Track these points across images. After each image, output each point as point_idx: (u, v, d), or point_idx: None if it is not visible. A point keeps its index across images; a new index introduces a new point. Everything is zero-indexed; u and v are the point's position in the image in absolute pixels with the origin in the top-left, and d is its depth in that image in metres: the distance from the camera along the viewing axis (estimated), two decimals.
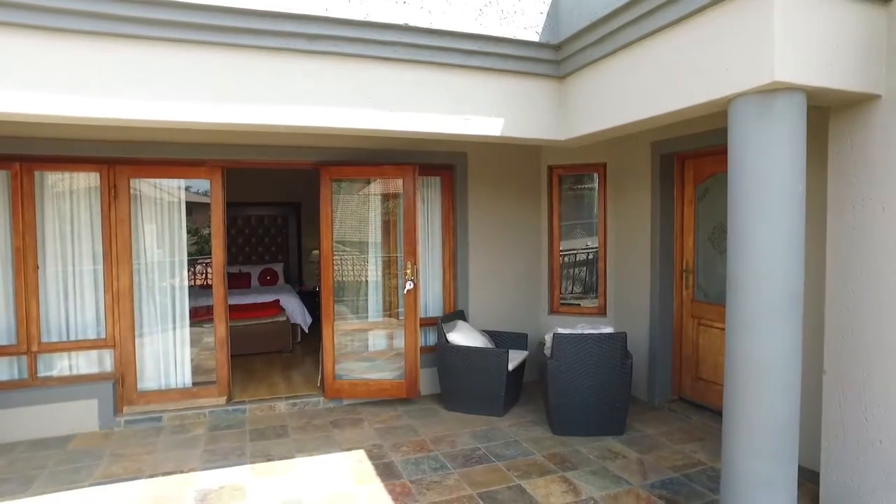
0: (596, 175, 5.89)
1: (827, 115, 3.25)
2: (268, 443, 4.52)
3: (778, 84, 2.65)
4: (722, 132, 2.98)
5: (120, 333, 4.88)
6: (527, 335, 5.61)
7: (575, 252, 6.27)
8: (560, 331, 4.52)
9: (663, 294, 5.21)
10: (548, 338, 4.67)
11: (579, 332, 4.49)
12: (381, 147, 5.40)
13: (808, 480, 3.56)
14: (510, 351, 5.13)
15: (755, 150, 2.77)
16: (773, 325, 2.74)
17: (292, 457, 4.24)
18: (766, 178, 2.74)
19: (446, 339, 5.11)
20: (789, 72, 2.64)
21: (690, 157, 5.06)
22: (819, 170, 3.41)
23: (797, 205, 2.76)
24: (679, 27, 3.17)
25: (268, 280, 9.54)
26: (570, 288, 6.28)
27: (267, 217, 10.35)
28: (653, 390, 5.31)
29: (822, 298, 3.34)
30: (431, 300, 5.89)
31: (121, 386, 4.90)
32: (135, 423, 4.86)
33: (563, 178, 6.12)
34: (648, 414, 5.10)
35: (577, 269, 6.29)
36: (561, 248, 6.18)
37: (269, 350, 7.29)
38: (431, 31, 3.82)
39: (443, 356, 5.14)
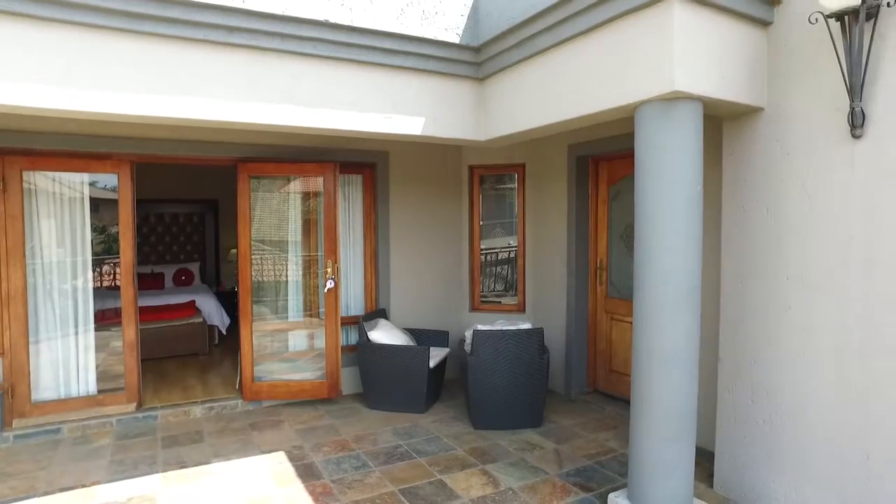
0: (515, 175, 6.07)
1: (721, 124, 3.53)
2: (182, 449, 4.33)
3: (678, 93, 2.85)
4: (632, 136, 3.17)
5: (10, 340, 4.49)
6: (448, 333, 5.69)
7: (496, 251, 6.42)
8: (479, 328, 4.62)
9: (579, 291, 5.44)
10: (468, 335, 4.76)
11: (498, 328, 4.61)
12: (302, 144, 5.31)
13: (706, 460, 3.83)
14: (431, 348, 5.19)
15: (658, 153, 2.97)
16: (674, 318, 2.95)
17: (208, 462, 4.10)
18: (667, 180, 2.95)
19: (368, 338, 5.10)
20: (687, 82, 2.84)
21: (604, 160, 5.31)
22: (717, 174, 3.68)
23: (695, 206, 2.98)
24: (591, 36, 3.34)
25: (183, 280, 9.13)
26: (491, 286, 6.43)
27: (182, 215, 9.88)
28: (569, 383, 5.54)
29: (719, 292, 3.62)
30: (353, 299, 5.86)
31: (9, 398, 4.50)
32: (27, 437, 4.48)
33: (484, 177, 6.25)
34: (565, 406, 5.31)
35: (498, 268, 6.45)
36: (483, 247, 6.31)
37: (185, 353, 6.99)
38: (352, 28, 3.81)
39: (364, 355, 5.13)
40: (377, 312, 5.66)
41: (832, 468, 3.00)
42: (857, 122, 2.78)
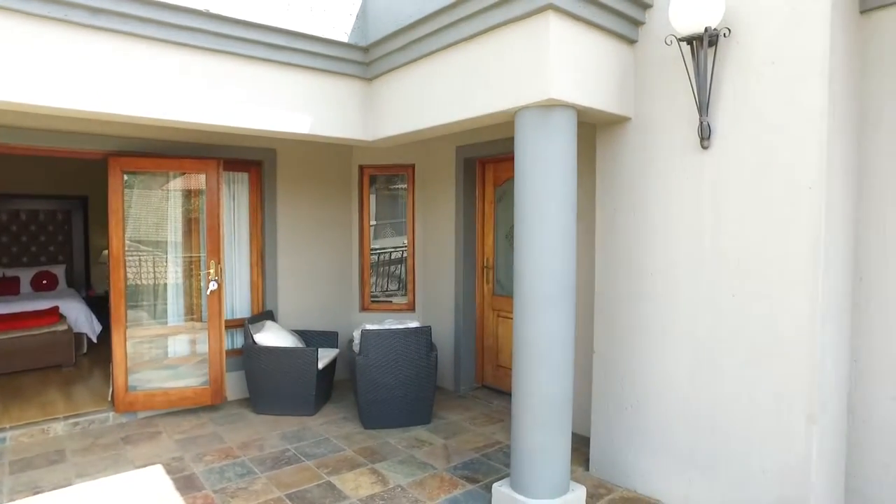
0: (405, 175, 6.13)
1: (595, 131, 3.79)
2: (37, 472, 3.93)
3: (553, 101, 3.04)
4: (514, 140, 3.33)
5: None
6: (337, 333, 5.64)
7: (388, 250, 6.45)
8: (368, 327, 4.63)
9: (466, 289, 5.61)
10: (356, 335, 4.75)
11: (386, 327, 4.64)
12: (184, 139, 5.03)
13: (584, 446, 4.10)
14: (320, 349, 5.12)
15: (536, 157, 3.14)
16: (550, 314, 3.14)
17: (70, 484, 3.76)
18: (544, 182, 3.12)
19: (254, 341, 4.93)
20: (562, 91, 3.03)
21: (491, 162, 5.51)
22: (593, 177, 3.95)
23: (570, 207, 3.18)
24: (474, 42, 3.46)
25: (44, 285, 8.28)
26: (384, 285, 6.44)
27: (44, 212, 8.92)
28: (458, 379, 5.68)
29: (594, 288, 3.89)
30: (238, 301, 5.64)
31: None
32: None
33: (374, 177, 6.26)
34: (454, 402, 5.44)
35: (391, 267, 6.48)
36: (374, 247, 6.32)
37: (47, 365, 6.34)
38: (235, 20, 3.67)
39: (250, 358, 4.95)
40: (264, 314, 5.48)
41: (687, 442, 3.34)
42: (705, 135, 3.12)
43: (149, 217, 5.23)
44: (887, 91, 3.01)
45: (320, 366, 4.95)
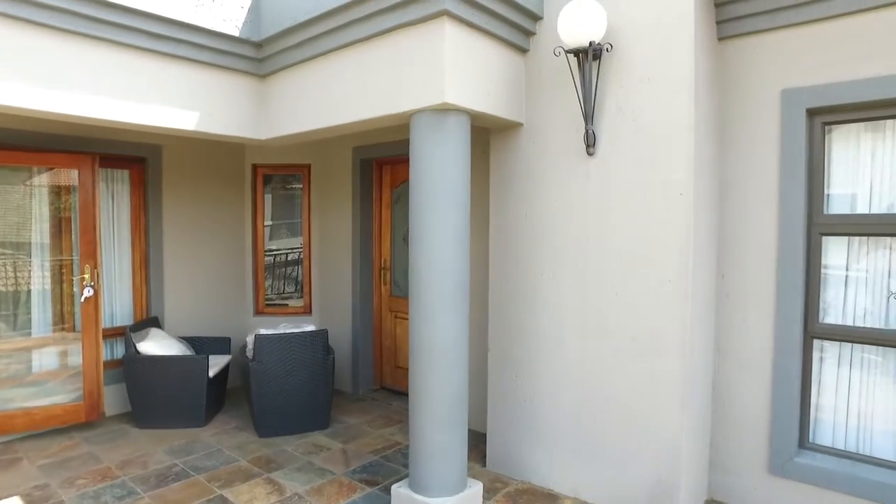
0: (301, 175, 5.98)
1: (490, 135, 3.92)
2: None
3: (448, 105, 3.10)
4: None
5: None
6: (230, 339, 5.40)
7: (285, 252, 6.26)
8: (262, 332, 4.47)
9: (364, 291, 5.58)
10: (249, 340, 4.58)
11: (281, 331, 4.51)
12: (56, 131, 4.58)
13: (482, 442, 4.21)
14: (212, 357, 4.88)
15: (431, 160, 3.19)
16: (444, 314, 3.20)
17: None
18: (439, 185, 3.18)
19: (136, 350, 4.60)
20: (456, 96, 3.11)
21: (388, 163, 5.52)
22: (488, 180, 4.07)
23: (463, 209, 3.26)
24: (372, 43, 3.45)
25: None
26: (280, 288, 6.24)
27: None
28: (357, 382, 5.64)
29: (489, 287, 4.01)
30: (119, 308, 5.23)
31: None
32: None
33: (269, 177, 6.06)
34: (353, 405, 5.39)
35: (288, 269, 6.29)
36: (270, 248, 6.11)
37: None
38: (114, 4, 3.40)
39: (132, 369, 4.61)
40: (149, 321, 5.12)
41: (576, 433, 3.54)
42: (590, 142, 3.33)
43: (9, 216, 4.71)
44: (741, 107, 3.37)
45: (211, 374, 4.71)
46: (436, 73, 3.09)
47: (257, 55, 4.14)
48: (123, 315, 5.24)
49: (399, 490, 3.41)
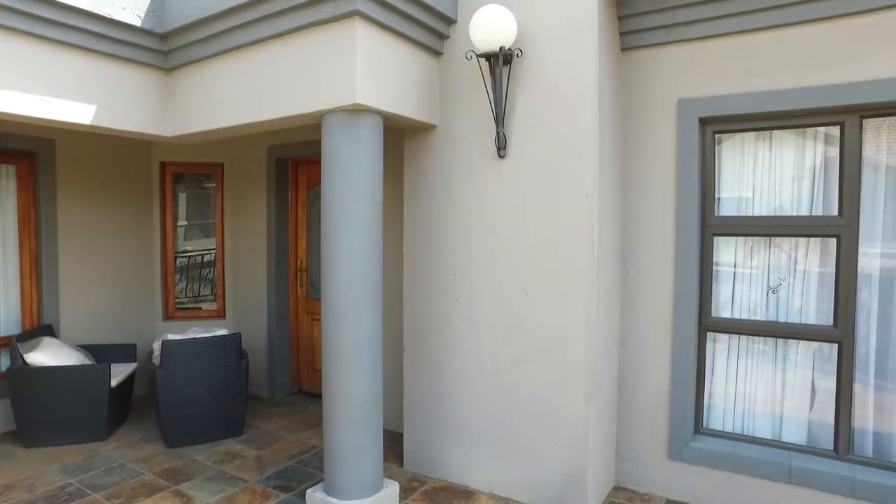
0: (214, 175, 5.76)
1: (404, 137, 3.93)
2: None
3: (359, 106, 3.08)
4: None
5: None
6: (136, 346, 5.11)
7: (200, 253, 5.99)
8: (170, 337, 4.27)
9: (280, 293, 5.45)
10: (156, 346, 4.36)
11: (190, 336, 4.32)
12: None
13: (399, 443, 4.20)
14: (115, 365, 4.60)
15: (343, 160, 3.17)
16: (357, 315, 3.18)
17: None
18: (351, 185, 3.16)
19: (24, 361, 4.25)
20: (368, 96, 3.09)
21: (304, 164, 5.41)
22: (402, 182, 4.07)
23: (376, 210, 3.25)
24: (283, 41, 3.36)
25: None
26: (197, 290, 5.97)
27: None
28: (273, 386, 5.50)
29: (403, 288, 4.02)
30: (4, 316, 4.81)
31: None
32: None
33: (181, 176, 5.78)
34: (269, 410, 5.25)
35: (204, 271, 6.03)
36: (186, 250, 5.83)
37: None
38: None
39: (19, 383, 4.26)
40: (40, 330, 4.75)
41: (490, 429, 3.62)
42: (501, 145, 3.41)
43: None
44: (642, 114, 3.57)
45: (114, 383, 4.43)
46: (347, 73, 3.06)
47: (162, 47, 3.94)
48: (9, 324, 4.82)
49: (314, 494, 3.36)
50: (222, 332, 4.53)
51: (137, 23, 3.77)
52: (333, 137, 3.18)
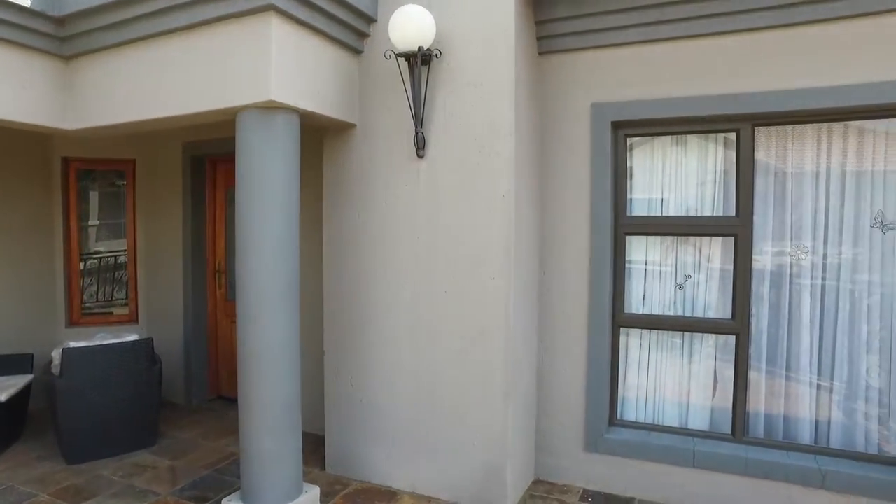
0: (125, 172, 5.44)
1: (323, 136, 3.86)
2: None
3: (274, 103, 3.00)
4: None
5: None
6: (32, 355, 4.74)
7: (113, 255, 5.63)
8: (71, 345, 4.00)
9: (197, 296, 5.23)
10: (56, 354, 4.07)
11: (96, 343, 4.07)
12: None
13: (321, 446, 4.12)
14: (5, 377, 4.27)
15: (258, 159, 3.08)
16: (274, 317, 3.10)
17: None
18: (266, 184, 3.08)
19: None
20: (283, 94, 3.02)
21: (222, 161, 5.21)
22: (322, 180, 4.00)
23: (292, 209, 3.18)
24: (196, 32, 3.21)
25: None
26: (110, 294, 5.60)
27: None
28: (190, 392, 5.27)
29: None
30: None
31: None
32: None
33: (88, 172, 5.42)
34: (186, 418, 5.03)
35: (117, 273, 5.67)
36: (98, 251, 5.48)
37: None
38: None
39: None
40: None
41: (412, 427, 3.63)
42: (420, 145, 3.42)
43: None
44: (558, 117, 3.68)
45: (3, 398, 4.09)
46: (262, 69, 2.98)
47: (58, 33, 3.67)
48: None
49: (230, 503, 3.25)
50: (133, 337, 4.29)
51: (27, 3, 3.48)
52: (248, 135, 3.08)
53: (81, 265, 5.43)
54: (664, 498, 3.53)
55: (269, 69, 2.95)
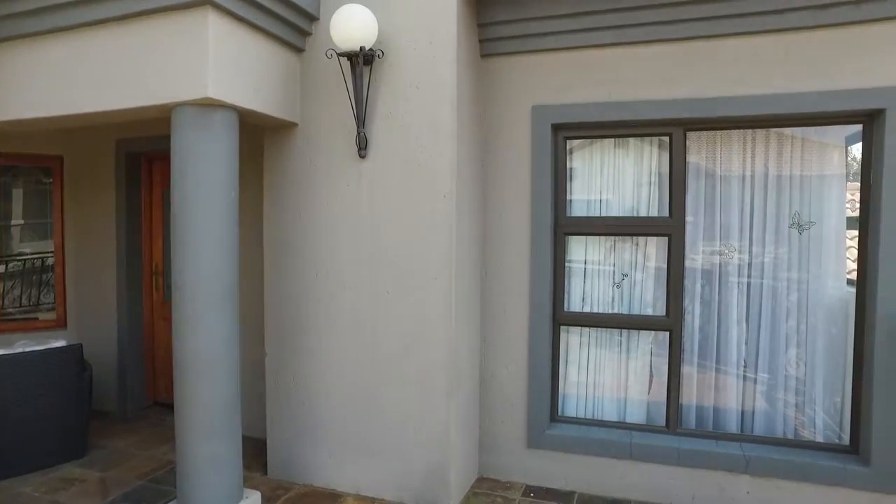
0: (52, 169, 5.17)
1: (264, 134, 3.79)
2: None
3: (212, 100, 2.93)
4: None
5: None
6: None
7: (38, 256, 5.31)
8: None
9: (133, 299, 5.03)
10: None
11: (18, 351, 3.85)
12: None
13: (264, 450, 4.04)
14: None
15: (194, 157, 2.99)
16: (212, 318, 3.02)
17: None
18: (204, 184, 2.99)
19: None
20: (221, 91, 2.94)
21: (158, 159, 5.04)
22: (262, 180, 3.93)
23: (231, 210, 3.11)
24: (129, 24, 3.08)
25: None
26: (35, 298, 5.27)
27: None
28: (125, 400, 5.05)
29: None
30: None
31: None
32: None
33: (6, 169, 5.11)
34: (119, 426, 4.82)
35: (46, 275, 5.35)
36: (23, 252, 5.16)
37: None
38: None
39: None
40: None
41: (356, 429, 3.61)
42: (362, 145, 3.41)
43: None
44: (500, 119, 3.74)
45: None
46: (199, 65, 2.89)
47: None
48: None
49: None
50: (59, 343, 4.08)
51: None
52: (184, 133, 2.99)
53: (2, 268, 5.12)
54: (604, 490, 3.64)
55: (207, 66, 2.88)
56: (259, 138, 3.81)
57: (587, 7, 3.43)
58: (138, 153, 4.96)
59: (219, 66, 2.94)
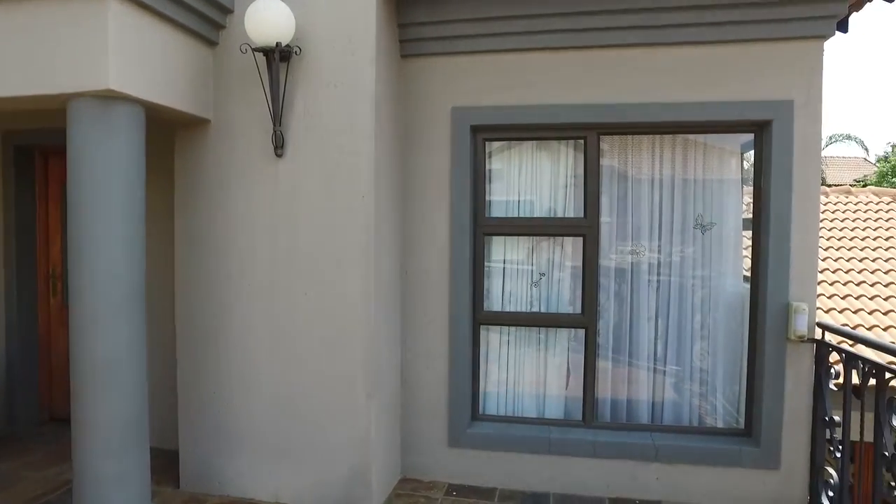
0: None
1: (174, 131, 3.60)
2: None
3: (113, 92, 2.74)
4: None
5: None
6: None
7: None
8: None
9: (25, 305, 4.63)
10: None
11: None
12: None
13: (174, 462, 3.82)
14: None
15: (93, 154, 2.80)
16: (115, 324, 2.83)
17: None
18: (105, 182, 2.80)
19: None
20: (123, 82, 2.77)
21: (55, 154, 4.67)
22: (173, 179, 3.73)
23: (138, 210, 2.93)
24: (21, 5, 2.81)
25: None
26: None
27: None
28: (14, 417, 4.64)
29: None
30: None
31: None
32: None
33: None
34: (8, 447, 4.40)
35: None
36: None
37: None
38: None
39: None
40: None
41: (274, 436, 3.50)
42: (279, 144, 3.31)
43: None
44: (420, 119, 3.75)
45: None
46: (98, 54, 2.70)
47: None
48: None
49: None
50: None
51: None
52: (82, 127, 2.79)
53: None
54: (525, 485, 3.72)
55: (107, 54, 2.69)
56: (170, 134, 3.62)
57: (497, 12, 3.52)
58: (30, 146, 4.58)
59: (121, 55, 2.76)
